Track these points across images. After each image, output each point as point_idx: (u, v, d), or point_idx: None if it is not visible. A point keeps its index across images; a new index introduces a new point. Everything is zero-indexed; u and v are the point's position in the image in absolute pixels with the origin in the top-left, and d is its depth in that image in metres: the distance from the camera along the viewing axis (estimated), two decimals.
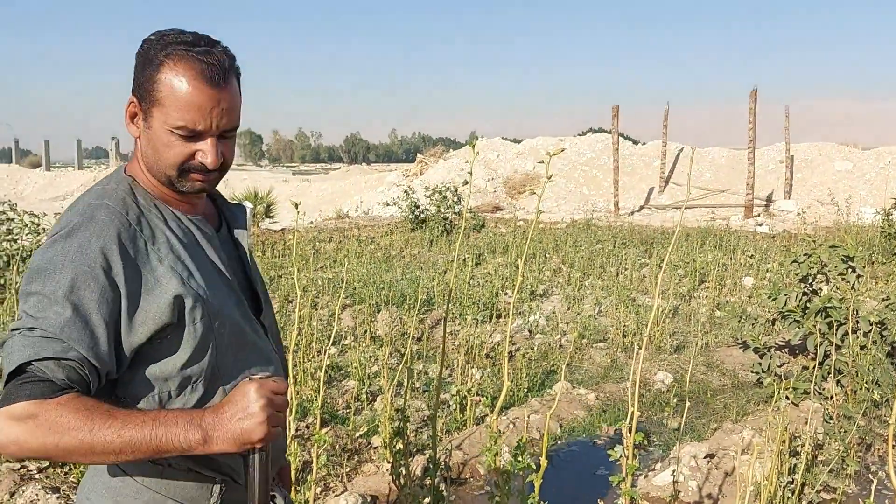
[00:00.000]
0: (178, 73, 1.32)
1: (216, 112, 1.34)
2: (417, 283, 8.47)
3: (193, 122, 1.33)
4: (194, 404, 1.39)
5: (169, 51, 1.33)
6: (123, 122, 1.45)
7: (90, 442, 1.17)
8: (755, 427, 4.72)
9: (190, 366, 1.38)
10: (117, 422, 1.19)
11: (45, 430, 1.16)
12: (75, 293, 1.24)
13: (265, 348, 1.54)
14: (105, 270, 1.27)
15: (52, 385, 1.20)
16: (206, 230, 1.49)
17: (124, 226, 1.33)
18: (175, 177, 1.39)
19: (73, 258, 1.26)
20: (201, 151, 1.37)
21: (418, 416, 5.01)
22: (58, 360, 1.21)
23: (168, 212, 1.44)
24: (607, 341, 7.13)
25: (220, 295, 1.43)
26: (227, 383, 1.43)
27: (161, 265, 1.34)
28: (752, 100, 20.00)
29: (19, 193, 38.47)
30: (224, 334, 1.42)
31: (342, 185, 31.78)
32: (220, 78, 1.34)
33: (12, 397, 1.18)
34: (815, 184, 22.24)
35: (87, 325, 1.24)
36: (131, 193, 1.41)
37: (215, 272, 1.46)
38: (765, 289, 8.83)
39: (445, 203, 15.27)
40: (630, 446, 2.58)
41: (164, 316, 1.32)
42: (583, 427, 5.15)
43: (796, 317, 5.71)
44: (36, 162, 55.44)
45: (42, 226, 9.32)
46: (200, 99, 1.32)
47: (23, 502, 3.45)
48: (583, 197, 24.13)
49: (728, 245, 12.91)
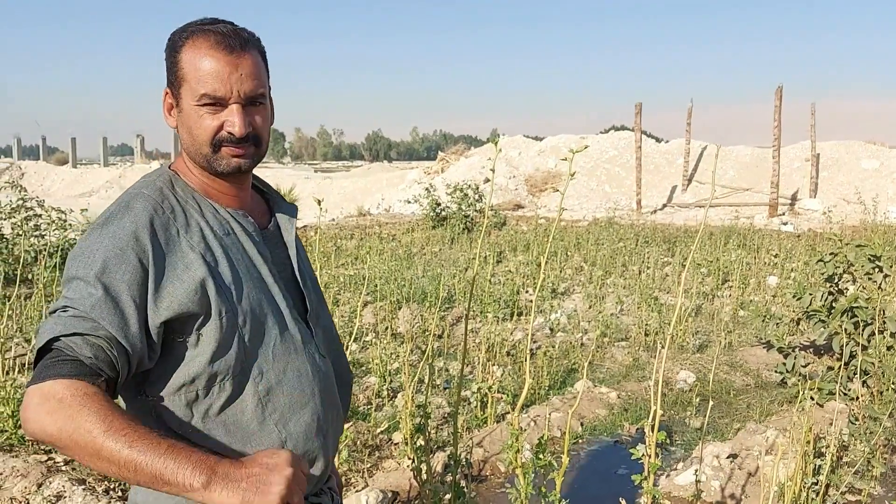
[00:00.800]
0: (196, 47, 1.37)
1: (235, 77, 1.37)
2: (438, 281, 8.48)
3: (214, 90, 1.36)
4: (222, 404, 1.37)
5: (188, 33, 1.39)
6: (159, 117, 1.48)
7: (99, 444, 1.12)
8: (779, 427, 4.67)
9: (215, 360, 1.35)
10: (132, 434, 1.12)
11: (64, 417, 1.14)
12: (106, 275, 1.27)
13: (308, 350, 1.49)
14: (136, 253, 1.30)
15: (81, 364, 1.20)
16: (247, 225, 1.47)
17: (158, 212, 1.36)
18: (210, 154, 1.41)
19: (106, 243, 1.30)
20: (228, 120, 1.39)
21: (439, 412, 5.01)
22: (85, 335, 1.21)
23: (206, 203, 1.45)
24: (629, 340, 7.09)
25: (252, 290, 1.41)
26: (259, 384, 1.40)
27: (192, 252, 1.35)
28: (778, 97, 19.77)
29: (46, 190, 39.04)
30: (254, 330, 1.39)
31: (364, 183, 31.87)
32: (237, 44, 1.37)
33: (43, 376, 1.18)
34: (842, 182, 21.95)
35: (118, 305, 1.26)
36: (170, 185, 1.44)
37: (252, 267, 1.44)
38: (789, 288, 8.74)
39: (467, 201, 15.26)
40: (652, 444, 2.56)
41: (188, 302, 1.31)
42: (604, 426, 5.13)
43: (822, 316, 5.64)
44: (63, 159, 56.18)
45: (69, 222, 9.45)
46: (218, 66, 1.36)
47: (49, 494, 3.50)
48: (605, 195, 24.00)
49: (752, 244, 12.78)
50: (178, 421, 1.37)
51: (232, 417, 1.39)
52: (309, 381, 1.47)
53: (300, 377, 1.46)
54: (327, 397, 1.52)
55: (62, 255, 8.28)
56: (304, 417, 1.45)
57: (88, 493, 3.52)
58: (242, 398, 1.39)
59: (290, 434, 1.43)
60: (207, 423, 1.37)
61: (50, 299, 6.91)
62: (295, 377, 1.45)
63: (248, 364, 1.39)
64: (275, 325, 1.43)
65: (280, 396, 1.42)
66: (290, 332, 1.46)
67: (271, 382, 1.41)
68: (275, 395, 1.42)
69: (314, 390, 1.48)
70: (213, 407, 1.37)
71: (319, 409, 1.48)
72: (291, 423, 1.43)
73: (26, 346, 5.66)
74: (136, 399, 1.38)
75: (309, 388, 1.47)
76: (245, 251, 1.44)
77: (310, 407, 1.47)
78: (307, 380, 1.47)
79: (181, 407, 1.36)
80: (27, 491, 3.54)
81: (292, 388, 1.44)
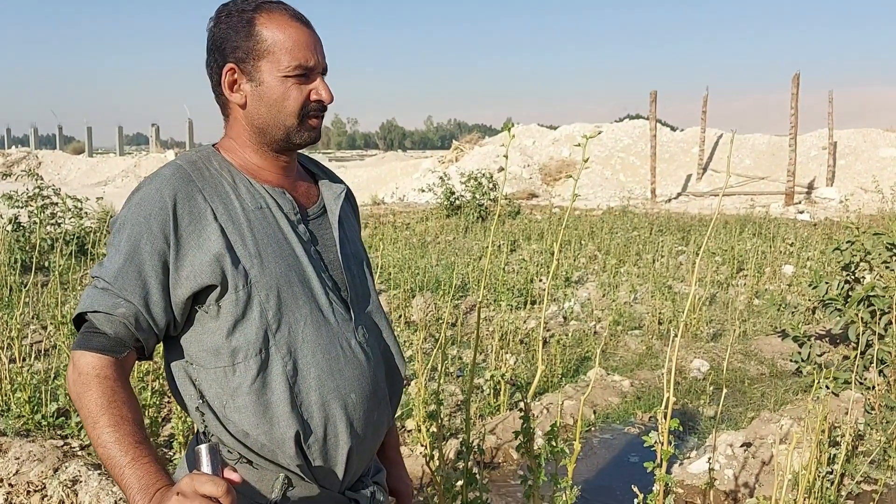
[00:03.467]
0: (275, 21, 1.39)
1: (319, 48, 1.42)
2: (452, 269, 8.48)
3: (306, 59, 1.39)
4: (252, 381, 1.35)
5: (254, 7, 1.40)
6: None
7: (90, 429, 1.26)
8: (794, 416, 4.64)
9: (232, 335, 1.35)
10: (115, 433, 1.23)
11: (76, 392, 1.29)
12: (131, 242, 1.32)
13: (344, 334, 1.45)
14: (159, 222, 1.32)
15: (107, 338, 1.31)
16: (283, 203, 1.44)
17: (185, 180, 1.36)
18: (295, 126, 1.42)
19: (135, 211, 1.34)
20: (314, 90, 1.41)
21: (452, 400, 5.02)
22: (107, 314, 1.31)
23: (241, 177, 1.43)
24: (642, 328, 7.06)
25: (281, 267, 1.38)
26: (288, 364, 1.37)
27: (214, 223, 1.35)
28: (795, 85, 19.57)
29: (63, 179, 39.31)
30: (280, 307, 1.37)
31: (378, 172, 31.88)
32: (306, 19, 1.43)
33: (78, 343, 1.32)
34: (859, 171, 21.71)
35: (140, 274, 1.32)
36: (207, 158, 1.44)
37: (284, 244, 1.41)
38: (805, 277, 8.67)
39: (481, 189, 15.24)
40: (665, 432, 2.55)
41: (205, 274, 1.32)
42: (617, 414, 5.12)
43: (838, 305, 5.59)
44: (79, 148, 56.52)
45: (84, 210, 9.51)
46: (304, 37, 1.40)
47: (66, 478, 3.53)
48: (619, 184, 23.89)
49: (768, 233, 12.69)
50: (213, 392, 1.37)
51: (262, 396, 1.36)
52: (340, 367, 1.42)
53: (331, 361, 1.41)
54: (363, 384, 1.45)
55: (78, 242, 8.34)
56: (331, 403, 1.40)
57: (104, 477, 3.56)
58: (271, 377, 1.36)
59: (311, 418, 1.39)
60: (238, 399, 1.36)
61: (66, 287, 6.97)
62: (325, 361, 1.40)
63: (275, 341, 1.36)
64: (306, 304, 1.40)
65: (308, 378, 1.38)
66: (323, 315, 1.42)
67: (299, 363, 1.38)
68: (303, 378, 1.38)
69: (347, 376, 1.43)
70: (243, 384, 1.35)
71: (350, 396, 1.43)
72: (315, 408, 1.39)
73: (43, 333, 5.72)
74: (180, 362, 1.41)
75: (339, 374, 1.41)
76: (279, 227, 1.42)
77: (338, 393, 1.41)
78: (338, 364, 1.42)
79: (213, 380, 1.37)
80: (43, 475, 3.58)
81: (321, 371, 1.39)
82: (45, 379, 4.56)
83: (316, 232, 1.49)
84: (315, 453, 1.40)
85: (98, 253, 6.97)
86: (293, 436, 1.36)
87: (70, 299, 6.47)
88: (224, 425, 1.37)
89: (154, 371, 4.16)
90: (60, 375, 4.53)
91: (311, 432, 1.39)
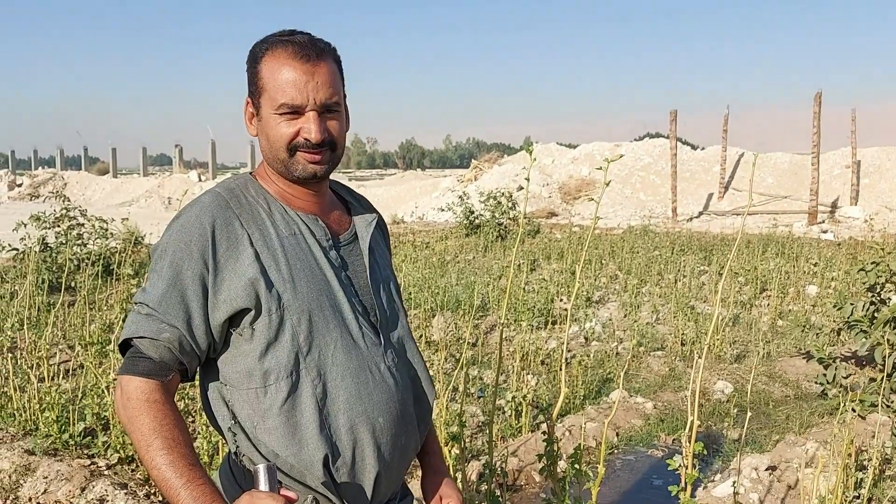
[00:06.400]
0: (275, 58, 1.43)
1: (311, 85, 1.41)
2: (472, 289, 8.49)
3: (292, 98, 1.41)
4: (281, 403, 1.39)
5: (268, 44, 1.45)
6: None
7: (142, 453, 1.29)
8: (819, 440, 4.59)
9: (265, 358, 1.39)
10: (169, 456, 1.27)
11: (127, 417, 1.33)
12: (173, 268, 1.37)
13: (374, 359, 1.48)
14: (199, 247, 1.38)
15: (152, 363, 1.36)
16: (316, 229, 1.49)
17: (223, 207, 1.42)
18: (287, 158, 1.45)
19: (176, 237, 1.39)
20: (304, 127, 1.43)
21: (473, 421, 5.01)
22: (152, 339, 1.36)
23: (277, 204, 1.49)
24: (665, 349, 7.02)
25: (313, 292, 1.42)
26: (318, 386, 1.41)
27: (250, 248, 1.40)
28: (817, 103, 19.45)
29: (87, 199, 39.82)
30: (312, 331, 1.40)
31: (397, 191, 32.01)
32: (313, 54, 1.42)
33: (124, 369, 1.37)
34: (884, 190, 21.48)
35: (183, 299, 1.37)
36: (244, 185, 1.50)
37: (316, 269, 1.45)
38: (829, 297, 8.58)
39: (500, 208, 15.25)
40: (690, 455, 2.54)
41: (240, 298, 1.37)
42: (640, 436, 5.08)
43: (863, 327, 5.53)
44: (104, 169, 57.23)
45: (110, 231, 9.64)
46: (295, 75, 1.41)
47: (92, 497, 3.58)
48: (640, 203, 23.80)
49: (791, 252, 12.58)
50: (245, 413, 1.41)
51: (292, 418, 1.40)
52: (369, 391, 1.45)
53: (360, 385, 1.44)
54: (391, 408, 1.48)
55: (104, 263, 8.45)
56: (360, 427, 1.43)
57: (130, 497, 3.59)
58: (301, 399, 1.40)
59: (340, 440, 1.42)
60: (269, 420, 1.40)
61: (92, 307, 7.06)
62: (354, 384, 1.43)
63: (305, 365, 1.40)
64: (336, 328, 1.44)
65: (337, 401, 1.42)
66: (353, 339, 1.46)
67: (328, 386, 1.41)
68: (332, 400, 1.41)
69: (375, 399, 1.46)
70: (273, 406, 1.39)
71: (378, 420, 1.46)
72: (343, 431, 1.42)
73: (70, 353, 5.79)
74: (215, 383, 1.46)
75: (368, 398, 1.44)
76: (312, 253, 1.47)
77: (366, 417, 1.44)
78: (367, 388, 1.45)
79: (244, 401, 1.41)
80: (71, 494, 3.62)
81: (350, 395, 1.42)
82: (73, 398, 4.62)
83: (347, 258, 1.53)
84: (343, 476, 1.42)
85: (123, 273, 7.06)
86: (321, 458, 1.39)
87: (96, 319, 6.55)
88: (255, 446, 1.41)
89: (179, 391, 4.21)
90: (88, 395, 4.59)
91: (340, 455, 1.42)
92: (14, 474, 3.80)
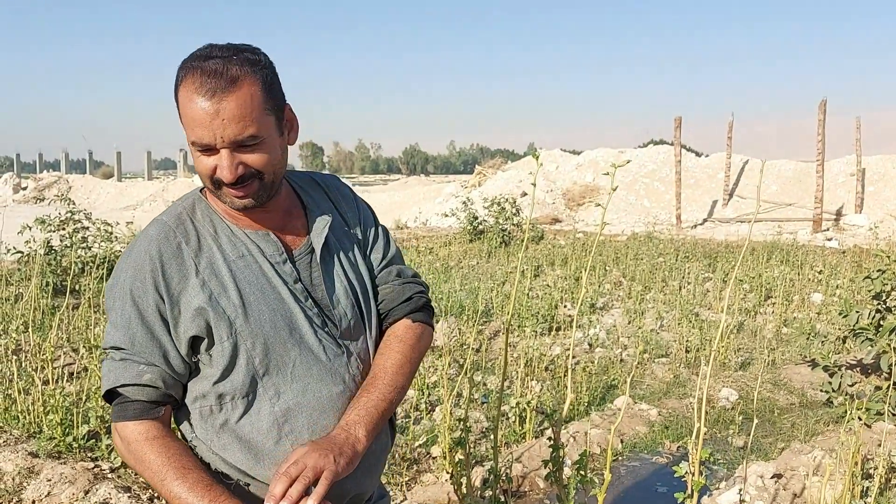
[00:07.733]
0: (185, 89, 1.32)
1: (216, 124, 1.30)
2: (476, 294, 8.48)
3: (199, 137, 1.32)
4: (237, 419, 1.42)
5: (185, 69, 1.34)
6: None
7: (159, 487, 1.33)
8: (825, 448, 4.57)
9: (221, 382, 1.41)
10: (185, 483, 1.31)
11: (133, 459, 1.37)
12: (135, 306, 1.37)
13: (338, 370, 1.47)
14: (153, 282, 1.37)
15: (142, 404, 1.39)
16: (266, 246, 1.45)
17: (170, 238, 1.40)
18: (216, 191, 1.40)
19: (130, 274, 1.39)
20: (219, 165, 1.35)
21: (477, 427, 5.00)
22: (135, 385, 1.37)
23: (223, 226, 1.44)
24: (669, 356, 7.00)
25: (266, 312, 1.41)
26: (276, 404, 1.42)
27: (196, 278, 1.38)
28: (821, 111, 19.44)
29: (92, 203, 39.94)
30: (267, 352, 1.40)
31: (401, 197, 32.04)
32: (220, 86, 1.30)
33: (117, 415, 1.40)
34: (889, 197, 21.43)
35: (153, 334, 1.38)
36: (192, 209, 1.46)
37: (268, 289, 1.43)
38: (834, 305, 8.56)
39: (504, 214, 15.25)
40: (696, 462, 2.53)
41: (191, 329, 1.38)
42: (645, 443, 5.07)
43: (869, 334, 5.51)
44: (108, 173, 57.42)
45: (114, 234, 9.66)
46: (199, 113, 1.30)
47: (96, 500, 3.57)
48: (644, 209, 23.78)
49: (795, 260, 12.55)
50: (200, 429, 1.44)
51: (247, 433, 1.42)
52: (333, 402, 1.46)
53: (322, 399, 1.45)
54: None
55: (109, 266, 8.46)
56: None
57: (134, 500, 3.59)
58: (258, 416, 1.42)
59: None
60: (223, 436, 1.42)
61: (97, 310, 7.07)
62: (315, 399, 1.44)
63: (262, 384, 1.41)
64: (294, 346, 1.43)
65: (299, 417, 1.43)
66: (314, 354, 1.45)
67: (289, 403, 1.42)
68: (293, 416, 1.42)
69: (340, 408, 1.46)
70: (228, 421, 1.42)
71: None
72: None
73: (74, 356, 5.79)
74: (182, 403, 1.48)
75: (332, 409, 1.45)
76: (263, 273, 1.43)
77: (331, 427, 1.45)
78: (331, 401, 1.45)
79: (198, 418, 1.44)
80: (74, 497, 3.62)
81: (312, 409, 1.43)
82: (77, 401, 4.62)
83: (304, 270, 1.49)
84: None
85: None
86: None
87: (101, 322, 6.55)
88: (219, 455, 1.44)
89: None
90: (92, 398, 4.58)
91: None
92: (18, 477, 3.79)
